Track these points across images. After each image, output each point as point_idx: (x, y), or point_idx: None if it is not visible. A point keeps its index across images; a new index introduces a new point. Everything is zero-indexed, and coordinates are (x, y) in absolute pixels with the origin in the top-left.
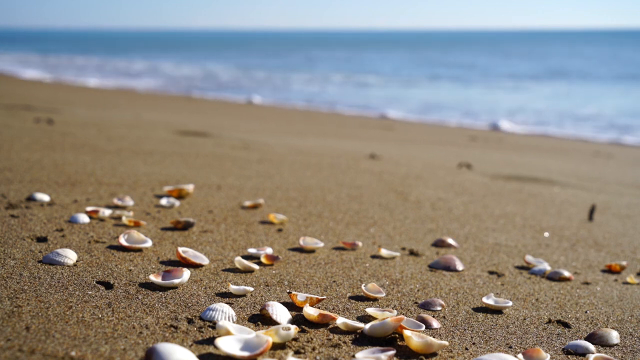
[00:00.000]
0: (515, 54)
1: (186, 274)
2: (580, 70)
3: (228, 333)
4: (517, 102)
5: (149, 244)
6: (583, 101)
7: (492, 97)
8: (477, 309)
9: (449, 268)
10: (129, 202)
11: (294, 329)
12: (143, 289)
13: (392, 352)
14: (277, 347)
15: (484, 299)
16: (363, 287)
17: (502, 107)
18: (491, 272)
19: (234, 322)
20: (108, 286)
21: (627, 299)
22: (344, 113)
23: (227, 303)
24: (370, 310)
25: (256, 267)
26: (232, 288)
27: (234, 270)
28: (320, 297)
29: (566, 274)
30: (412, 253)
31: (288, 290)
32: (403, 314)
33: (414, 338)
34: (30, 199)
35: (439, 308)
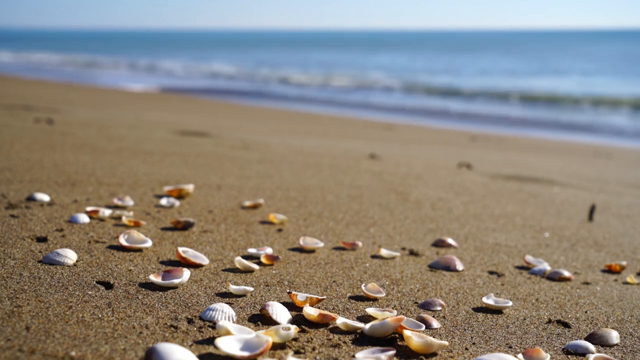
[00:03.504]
0: (517, 54)
1: (186, 274)
2: (580, 69)
3: (228, 333)
4: (517, 102)
5: (149, 244)
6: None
7: (493, 98)
8: (477, 309)
9: (449, 268)
10: (129, 202)
11: (294, 329)
12: (143, 289)
13: (392, 352)
14: (277, 347)
15: (484, 299)
16: (363, 287)
17: (502, 107)
18: (491, 272)
19: (234, 322)
20: (108, 286)
21: (627, 299)
22: (344, 114)
23: (227, 303)
24: (370, 310)
25: (256, 267)
26: (232, 288)
27: (234, 270)
28: (320, 297)
29: (566, 274)
30: (412, 253)
31: (288, 290)
32: (403, 314)
33: (414, 338)
34: (30, 199)
35: (439, 308)
